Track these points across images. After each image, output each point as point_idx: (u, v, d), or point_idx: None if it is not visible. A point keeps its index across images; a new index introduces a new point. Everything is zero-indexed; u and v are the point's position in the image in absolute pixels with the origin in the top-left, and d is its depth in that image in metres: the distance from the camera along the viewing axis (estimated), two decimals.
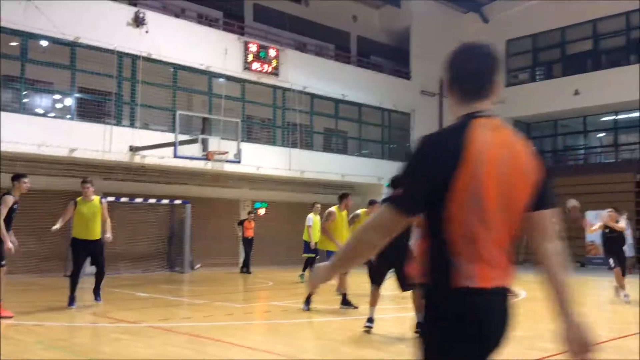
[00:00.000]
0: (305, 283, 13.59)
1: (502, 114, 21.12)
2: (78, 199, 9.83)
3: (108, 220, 9.77)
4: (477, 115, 2.15)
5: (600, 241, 19.18)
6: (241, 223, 18.58)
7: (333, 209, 10.56)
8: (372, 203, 10.65)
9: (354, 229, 11.49)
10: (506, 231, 2.06)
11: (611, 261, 11.62)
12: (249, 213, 19.06)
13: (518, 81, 26.27)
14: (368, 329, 7.37)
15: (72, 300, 9.33)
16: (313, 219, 14.35)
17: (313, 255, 13.87)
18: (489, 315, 2.01)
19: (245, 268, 18.09)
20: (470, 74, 2.24)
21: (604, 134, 26.76)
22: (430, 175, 2.00)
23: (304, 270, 14.58)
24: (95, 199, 9.84)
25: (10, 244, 8.20)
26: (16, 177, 8.64)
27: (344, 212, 10.62)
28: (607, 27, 24.01)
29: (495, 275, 2.02)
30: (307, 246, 14.20)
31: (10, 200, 8.33)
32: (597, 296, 13.23)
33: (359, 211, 10.96)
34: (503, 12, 26.37)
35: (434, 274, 2.03)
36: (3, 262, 8.25)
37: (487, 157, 2.01)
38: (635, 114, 24.24)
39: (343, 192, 11.00)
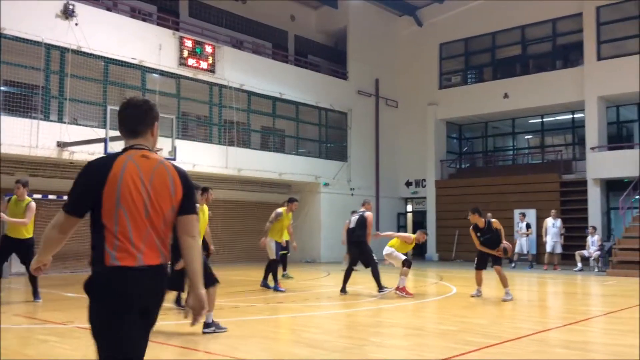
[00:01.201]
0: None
1: (436, 116, 21.83)
2: (13, 197, 9.80)
3: (25, 221, 9.64)
4: (129, 148, 3.05)
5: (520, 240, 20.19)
6: None
7: (281, 210, 12.32)
8: (291, 201, 12.59)
9: (276, 226, 12.25)
10: (153, 227, 2.92)
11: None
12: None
13: (450, 84, 26.99)
14: None
15: None
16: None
17: (286, 252, 14.44)
18: (131, 285, 2.84)
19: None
20: (124, 121, 3.14)
21: (531, 136, 27.86)
22: (86, 188, 2.92)
23: (284, 268, 15.17)
24: (26, 200, 9.77)
25: None
26: None
27: (290, 214, 12.58)
28: (535, 33, 25.00)
29: (139, 258, 2.85)
30: (278, 244, 14.09)
31: None
32: (525, 291, 13.75)
33: (280, 210, 12.50)
34: (436, 16, 27.04)
35: (95, 257, 2.86)
36: None
37: (129, 177, 2.90)
38: (560, 117, 25.40)
39: (291, 197, 12.83)
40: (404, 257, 11.52)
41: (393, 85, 27.41)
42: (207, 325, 7.26)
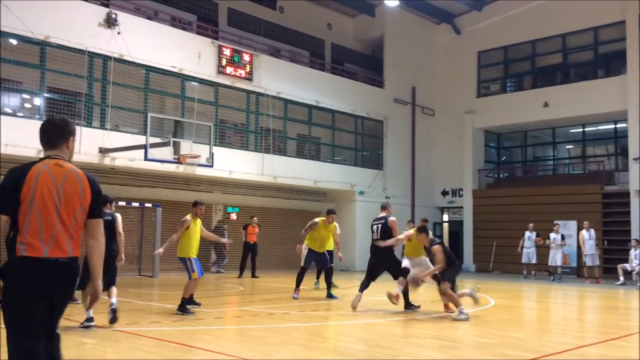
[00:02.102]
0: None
1: (474, 124, 21.59)
2: None
3: None
4: (46, 158, 3.63)
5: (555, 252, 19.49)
6: (245, 227, 18.69)
7: (317, 220, 12.41)
8: (329, 212, 12.46)
9: (313, 235, 12.14)
10: (63, 225, 3.44)
11: None
12: (252, 217, 19.03)
13: (489, 92, 26.67)
14: None
15: None
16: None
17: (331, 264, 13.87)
18: (36, 272, 3.36)
19: (240, 272, 18.23)
20: (44, 135, 3.76)
21: (572, 146, 27.29)
22: (8, 190, 3.42)
23: (317, 277, 14.79)
24: None
25: None
26: None
27: (331, 226, 12.46)
28: (576, 41, 24.53)
29: (45, 251, 3.37)
30: (312, 253, 14.07)
31: None
32: (565, 305, 13.44)
33: (317, 219, 12.52)
34: (475, 24, 26.76)
35: (10, 248, 3.40)
36: None
37: (42, 181, 3.45)
38: (602, 127, 24.82)
39: (329, 209, 12.87)
40: (429, 266, 10.17)
41: (430, 93, 27.22)
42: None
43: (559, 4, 23.98)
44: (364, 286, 10.36)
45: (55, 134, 3.71)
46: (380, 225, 10.47)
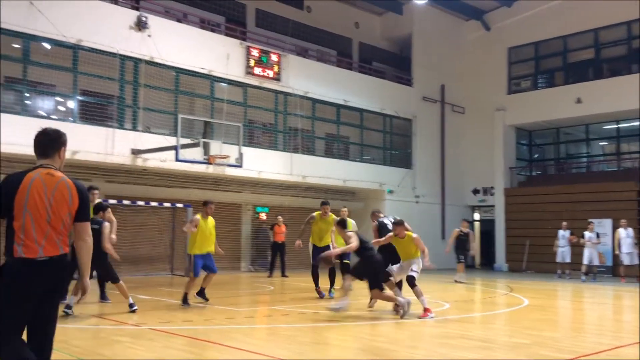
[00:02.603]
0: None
1: (504, 121, 21.30)
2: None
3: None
4: (39, 166, 3.92)
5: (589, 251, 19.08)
6: (272, 227, 18.85)
7: (314, 214, 12.36)
8: (323, 204, 12.32)
9: (313, 229, 12.02)
10: (53, 228, 3.80)
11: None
12: (277, 217, 19.18)
13: (520, 89, 26.28)
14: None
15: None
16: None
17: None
18: (33, 273, 3.71)
19: (270, 272, 18.32)
20: (37, 145, 4.00)
21: (606, 143, 26.75)
22: (3, 195, 3.75)
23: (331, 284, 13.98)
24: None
25: None
26: None
27: (329, 218, 12.16)
28: (609, 36, 24.03)
29: (40, 251, 3.73)
30: (316, 249, 14.02)
31: None
32: (601, 305, 13.16)
33: (314, 213, 12.52)
34: (505, 20, 26.41)
35: (7, 250, 3.72)
36: None
37: (35, 189, 3.78)
38: (637, 123, 24.26)
39: (323, 200, 12.62)
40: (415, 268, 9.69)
41: (459, 91, 26.95)
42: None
43: None
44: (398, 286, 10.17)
45: (49, 145, 4.01)
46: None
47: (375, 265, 9.35)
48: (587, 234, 19.14)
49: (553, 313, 10.71)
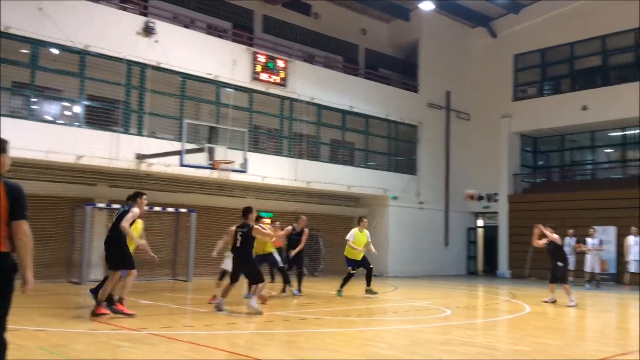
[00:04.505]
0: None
1: (510, 128, 21.27)
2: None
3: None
4: None
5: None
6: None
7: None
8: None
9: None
10: None
11: None
12: (274, 223, 18.99)
13: (526, 96, 26.26)
14: None
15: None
16: (355, 234, 14.08)
17: (354, 271, 14.01)
18: None
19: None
20: None
21: (611, 150, 26.66)
22: None
23: (341, 286, 14.17)
24: None
25: None
26: None
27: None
28: (616, 43, 23.98)
29: None
30: (350, 262, 14.16)
31: None
32: (605, 312, 13.11)
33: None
34: (512, 27, 26.42)
35: None
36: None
37: None
38: None
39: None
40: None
41: (465, 97, 26.96)
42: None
43: (597, 4, 23.51)
44: None
45: None
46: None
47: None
48: (589, 240, 19.08)
49: (555, 320, 10.68)
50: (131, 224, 9.28)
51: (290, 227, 14.25)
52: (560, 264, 12.58)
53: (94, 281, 16.24)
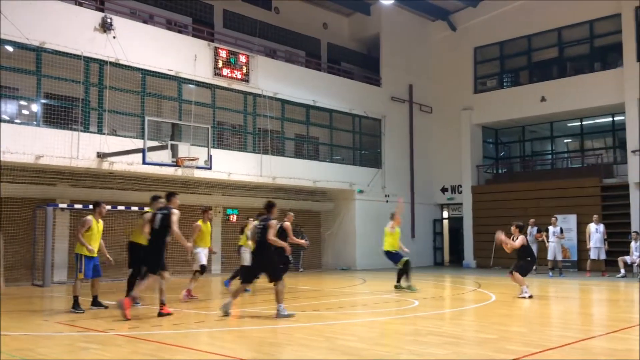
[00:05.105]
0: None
1: (471, 120, 21.63)
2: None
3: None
4: None
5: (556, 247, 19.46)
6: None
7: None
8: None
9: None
10: None
11: None
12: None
13: (486, 88, 26.66)
14: None
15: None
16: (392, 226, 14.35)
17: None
18: None
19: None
20: None
21: (570, 140, 27.31)
22: None
23: (398, 280, 14.32)
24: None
25: None
26: None
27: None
28: (572, 35, 24.53)
29: None
30: (394, 255, 14.34)
31: None
32: (567, 299, 13.43)
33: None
34: (471, 20, 26.77)
35: None
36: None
37: None
38: (600, 120, 24.84)
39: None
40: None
41: (427, 90, 27.23)
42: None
43: None
44: None
45: None
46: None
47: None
48: (550, 228, 19.50)
49: (519, 308, 10.89)
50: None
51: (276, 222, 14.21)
52: (529, 259, 12.75)
53: (58, 283, 15.94)
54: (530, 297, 11.97)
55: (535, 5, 24.61)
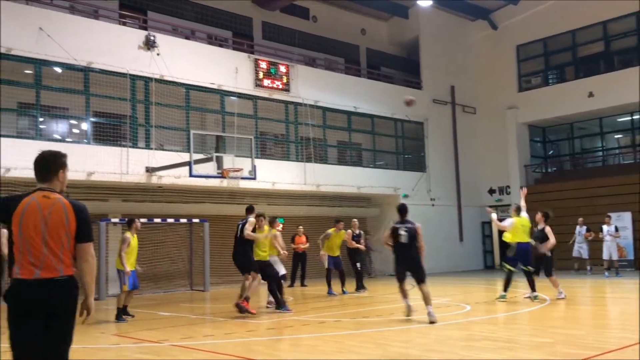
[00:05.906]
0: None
1: (517, 119, 21.13)
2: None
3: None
4: (37, 190, 4.01)
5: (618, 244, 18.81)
6: (293, 238, 18.74)
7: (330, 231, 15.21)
8: (337, 222, 15.10)
9: (326, 246, 13.63)
10: (50, 250, 3.82)
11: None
12: (298, 227, 19.05)
13: (531, 86, 26.13)
14: None
15: None
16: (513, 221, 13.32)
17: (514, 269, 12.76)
18: (29, 294, 3.75)
19: (291, 282, 18.22)
20: (36, 169, 4.10)
21: (621, 135, 26.47)
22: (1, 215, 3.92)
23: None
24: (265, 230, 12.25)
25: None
26: None
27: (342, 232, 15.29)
28: (618, 28, 23.83)
29: (36, 273, 3.77)
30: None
31: None
32: (624, 299, 13.00)
33: (329, 230, 14.60)
34: (512, 18, 26.31)
35: (10, 272, 3.82)
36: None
37: (29, 213, 3.84)
38: None
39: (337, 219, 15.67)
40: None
41: (469, 91, 26.87)
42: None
43: None
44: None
45: (46, 169, 4.09)
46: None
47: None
48: (605, 227, 18.91)
49: (575, 310, 10.60)
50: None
51: (350, 231, 15.75)
52: (549, 254, 12.43)
53: (112, 296, 16.33)
54: (564, 297, 11.72)
55: None
